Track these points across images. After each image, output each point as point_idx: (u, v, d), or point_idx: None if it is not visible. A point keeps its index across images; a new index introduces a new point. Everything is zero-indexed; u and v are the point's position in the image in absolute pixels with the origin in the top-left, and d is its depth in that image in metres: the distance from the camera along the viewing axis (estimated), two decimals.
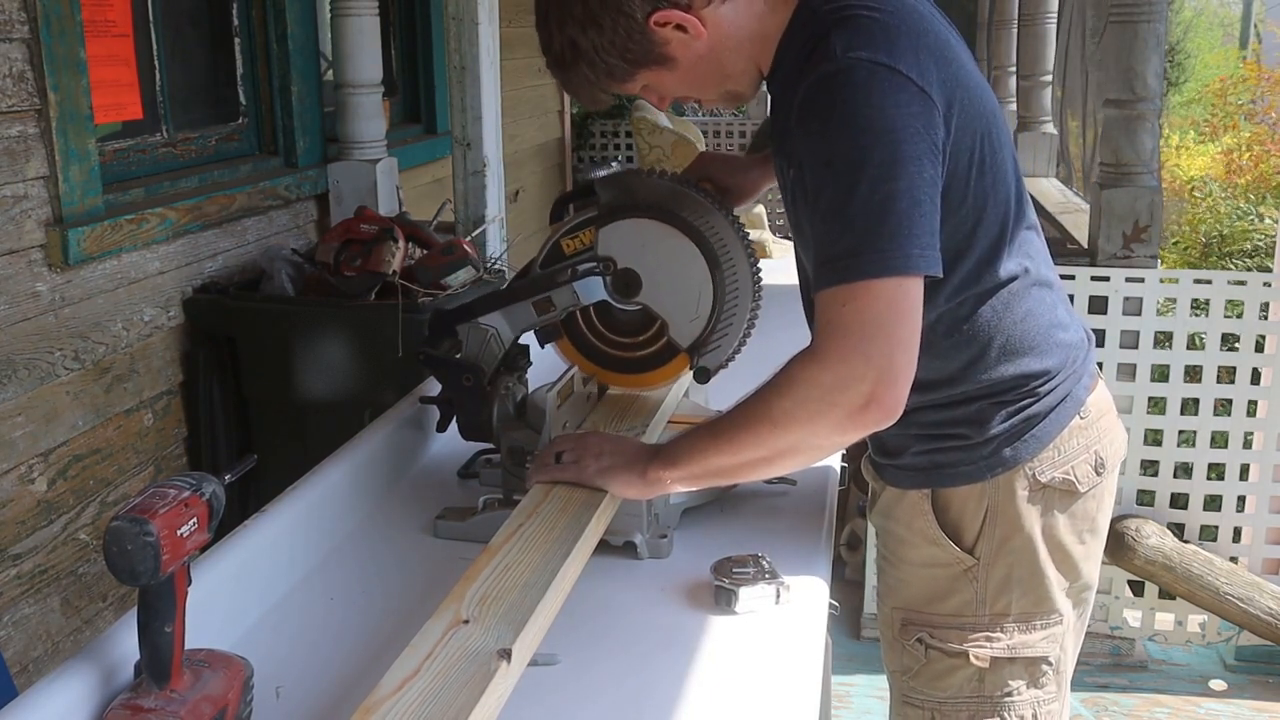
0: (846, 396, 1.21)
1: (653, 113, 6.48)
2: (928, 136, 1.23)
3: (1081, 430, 1.42)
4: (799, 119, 1.26)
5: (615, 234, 1.56)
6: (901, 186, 1.20)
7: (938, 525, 1.42)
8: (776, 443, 1.28)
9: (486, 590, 1.19)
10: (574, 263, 1.58)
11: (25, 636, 2.29)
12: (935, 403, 1.39)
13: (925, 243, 1.22)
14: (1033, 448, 1.39)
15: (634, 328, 1.65)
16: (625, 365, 1.68)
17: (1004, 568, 1.41)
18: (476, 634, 1.11)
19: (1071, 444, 1.41)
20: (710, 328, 1.57)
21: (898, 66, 1.22)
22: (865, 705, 2.93)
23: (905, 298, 1.21)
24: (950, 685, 1.45)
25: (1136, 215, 3.05)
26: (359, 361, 2.63)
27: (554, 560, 1.26)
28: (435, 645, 1.09)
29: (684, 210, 1.55)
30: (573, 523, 1.35)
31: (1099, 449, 1.44)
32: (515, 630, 1.12)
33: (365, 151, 3.20)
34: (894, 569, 1.49)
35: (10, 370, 2.21)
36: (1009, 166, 1.37)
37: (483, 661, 1.06)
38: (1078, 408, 1.42)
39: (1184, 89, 11.32)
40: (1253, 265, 6.44)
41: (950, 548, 1.42)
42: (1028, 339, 1.38)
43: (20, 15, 2.22)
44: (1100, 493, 1.46)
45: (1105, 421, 1.46)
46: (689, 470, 1.36)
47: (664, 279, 1.56)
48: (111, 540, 1.00)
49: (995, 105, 1.37)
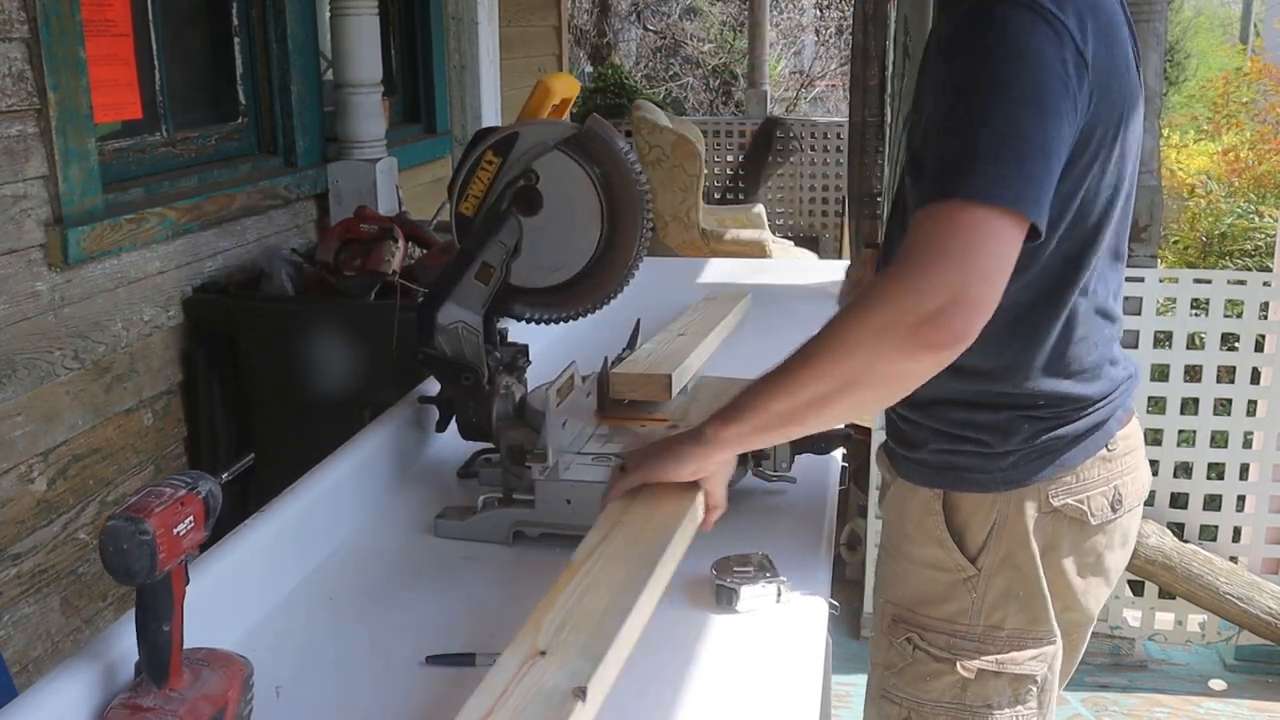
0: (916, 307, 1.13)
1: (653, 112, 6.49)
2: (1072, 100, 1.19)
3: (1105, 463, 1.39)
4: (945, 47, 1.23)
5: (550, 162, 1.56)
6: (1035, 129, 1.15)
7: (945, 528, 1.40)
8: (840, 370, 1.19)
9: (565, 616, 1.12)
10: (491, 210, 1.57)
11: (25, 636, 2.29)
12: (966, 398, 1.36)
13: (1041, 195, 1.16)
14: (1051, 470, 1.36)
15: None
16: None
17: (1004, 582, 1.39)
18: (553, 668, 1.04)
19: (1092, 474, 1.38)
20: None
21: (1064, 19, 1.18)
22: None
23: (1005, 234, 1.15)
24: (932, 689, 1.43)
25: (1136, 215, 3.03)
26: (359, 361, 2.63)
27: (636, 580, 1.18)
28: (510, 681, 1.02)
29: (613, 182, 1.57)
30: (657, 534, 1.28)
31: (1120, 485, 1.41)
32: (593, 664, 1.04)
33: (365, 151, 3.20)
34: (894, 562, 1.48)
35: (10, 370, 2.21)
36: (1128, 169, 1.33)
37: (557, 702, 0.99)
38: (1106, 439, 1.39)
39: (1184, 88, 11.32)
40: (1253, 265, 6.44)
41: (954, 553, 1.40)
42: (1078, 361, 1.35)
43: (20, 15, 2.22)
44: (1112, 530, 1.42)
45: (1131, 459, 1.43)
46: (751, 422, 1.27)
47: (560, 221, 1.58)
48: (107, 539, 1.00)
49: (1138, 92, 1.32)
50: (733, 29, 12.30)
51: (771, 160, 7.94)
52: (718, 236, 6.26)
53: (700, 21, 12.60)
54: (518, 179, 1.56)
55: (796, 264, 4.77)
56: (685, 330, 2.12)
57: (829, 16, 12.70)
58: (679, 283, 2.76)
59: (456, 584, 1.43)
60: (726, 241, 6.22)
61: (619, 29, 12.40)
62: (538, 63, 5.52)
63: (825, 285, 2.85)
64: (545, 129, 1.60)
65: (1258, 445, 3.12)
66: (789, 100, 12.19)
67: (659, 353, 1.95)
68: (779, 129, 7.97)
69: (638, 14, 12.55)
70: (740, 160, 7.98)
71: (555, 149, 1.56)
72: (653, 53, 12.52)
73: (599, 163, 1.56)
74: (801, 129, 8.00)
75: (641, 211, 1.58)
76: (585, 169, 1.56)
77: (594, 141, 1.55)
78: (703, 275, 2.97)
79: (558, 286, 1.62)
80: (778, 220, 7.82)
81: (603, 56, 11.74)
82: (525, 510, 1.50)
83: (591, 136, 1.55)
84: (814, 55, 12.90)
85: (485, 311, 1.62)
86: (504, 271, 1.59)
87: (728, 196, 7.91)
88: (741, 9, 11.57)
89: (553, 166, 1.56)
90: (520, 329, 1.74)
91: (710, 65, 12.30)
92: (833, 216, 7.82)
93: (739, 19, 11.94)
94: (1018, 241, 1.16)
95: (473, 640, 1.26)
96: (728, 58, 12.17)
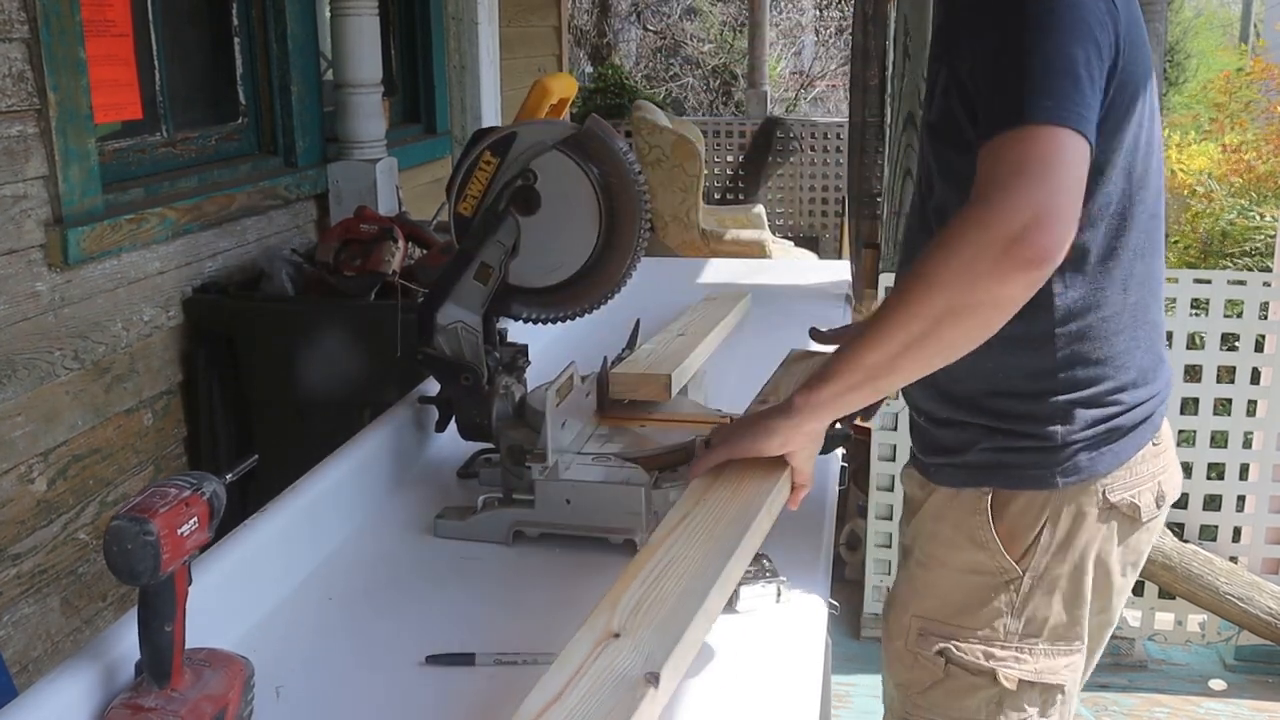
0: (1004, 227, 1.13)
1: (653, 112, 6.49)
2: (1109, 36, 1.22)
3: (1153, 456, 1.38)
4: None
5: (548, 162, 1.56)
6: (1080, 57, 1.19)
7: (991, 527, 1.37)
8: (933, 306, 1.16)
9: (641, 597, 1.09)
10: (489, 210, 1.58)
11: (25, 636, 2.29)
12: (1017, 388, 1.35)
13: (1093, 118, 1.19)
14: (1109, 462, 1.34)
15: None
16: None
17: (1048, 584, 1.36)
18: (626, 650, 1.02)
19: (1142, 469, 1.37)
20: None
21: None
22: (865, 705, 2.93)
23: (1075, 152, 1.16)
24: (968, 706, 1.39)
25: None
26: (359, 361, 2.63)
27: (715, 564, 1.15)
28: (584, 661, 1.00)
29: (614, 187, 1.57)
30: (741, 512, 1.24)
31: (1163, 480, 1.40)
32: (666, 649, 1.02)
33: (365, 151, 3.20)
34: (926, 572, 1.43)
35: (10, 370, 2.21)
36: (1154, 158, 1.35)
37: (629, 687, 0.97)
38: (1154, 432, 1.38)
39: (1184, 89, 11.32)
40: (1253, 265, 6.44)
41: (998, 554, 1.36)
42: (1131, 338, 1.35)
43: (20, 15, 2.22)
44: (1154, 527, 1.41)
45: (1169, 455, 1.43)
46: (843, 381, 1.24)
47: (557, 222, 1.58)
48: (112, 539, 1.00)
49: (1151, 72, 1.34)
50: (733, 29, 12.30)
51: (771, 160, 7.94)
52: (718, 237, 6.27)
53: (700, 21, 12.60)
54: (516, 179, 1.56)
55: (796, 264, 4.77)
56: (685, 330, 2.13)
57: (829, 16, 12.70)
58: (679, 283, 2.76)
59: (456, 584, 1.43)
60: (726, 242, 6.23)
61: (619, 29, 12.40)
62: (538, 63, 5.51)
63: (825, 285, 2.85)
64: (543, 129, 1.60)
65: (1258, 445, 3.12)
66: (789, 100, 12.19)
67: (659, 353, 1.95)
68: (779, 129, 7.98)
69: (638, 14, 12.55)
70: (740, 160, 7.98)
71: (553, 149, 1.56)
72: (653, 53, 12.53)
73: (597, 162, 1.56)
74: (801, 129, 8.00)
75: (640, 211, 1.58)
76: (583, 169, 1.56)
77: (592, 141, 1.55)
78: (703, 275, 2.97)
79: (556, 286, 1.62)
80: (778, 220, 7.82)
81: (603, 57, 11.74)
82: (525, 510, 1.50)
83: (590, 136, 1.55)
84: (814, 55, 12.91)
85: (484, 311, 1.62)
86: (502, 271, 1.59)
87: (728, 196, 7.91)
88: (741, 9, 11.57)
89: (551, 166, 1.56)
90: (520, 329, 1.74)
91: (710, 65, 12.30)
92: (833, 216, 7.82)
93: (739, 19, 11.94)
94: (1086, 160, 1.18)
95: (473, 640, 1.26)
96: (728, 58, 12.17)
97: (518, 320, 1.66)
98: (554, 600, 1.37)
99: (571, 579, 1.41)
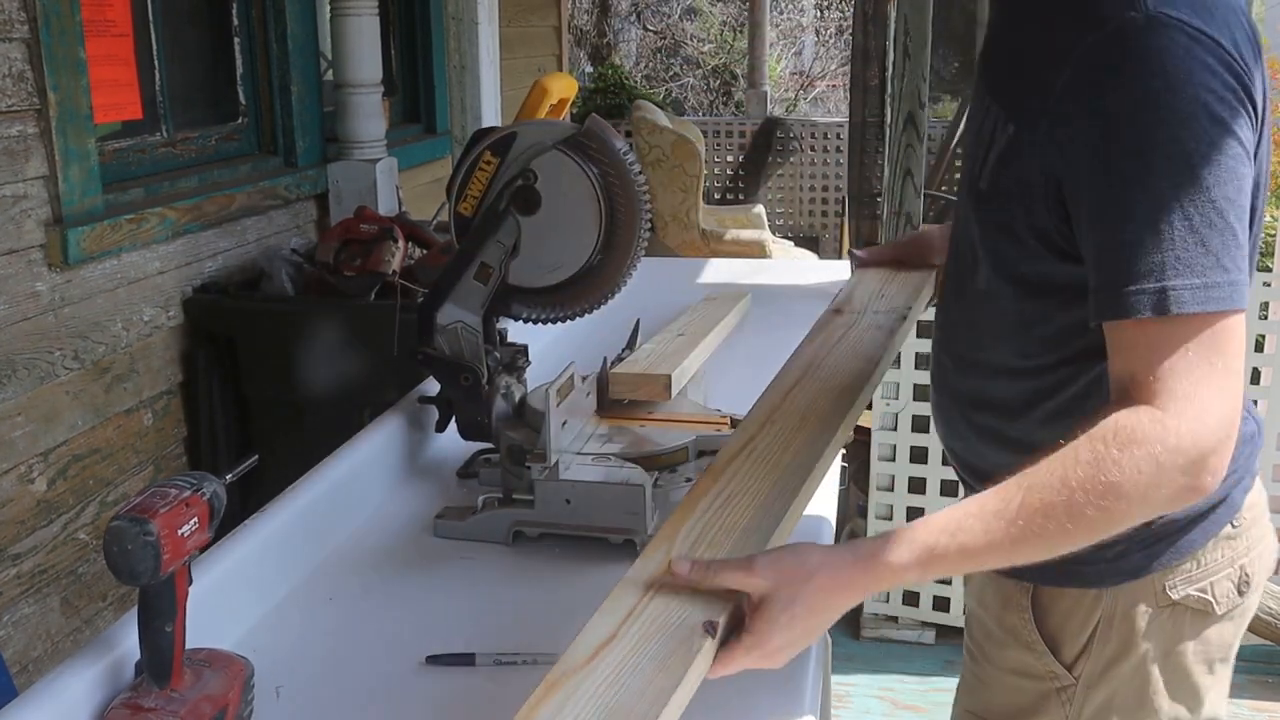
0: (1193, 449, 0.95)
1: (653, 112, 6.49)
2: (1245, 149, 1.00)
3: (1230, 541, 1.20)
4: (1075, 82, 1.02)
5: (548, 162, 1.56)
6: (1231, 195, 0.98)
7: (1035, 628, 1.22)
8: (1079, 523, 0.96)
9: (704, 528, 0.98)
10: (489, 210, 1.57)
11: (25, 636, 2.29)
12: None
13: (1245, 275, 0.99)
14: (1170, 557, 1.17)
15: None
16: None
17: (1106, 693, 1.20)
18: (685, 591, 0.93)
19: (1215, 556, 1.19)
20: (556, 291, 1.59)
21: (1227, 49, 0.99)
22: (865, 705, 2.93)
23: (1242, 339, 0.98)
24: None
25: None
26: (359, 361, 2.64)
27: (785, 493, 1.02)
28: (639, 600, 0.91)
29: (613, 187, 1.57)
30: (808, 443, 1.11)
31: (1246, 563, 1.22)
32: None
33: (365, 151, 3.20)
34: (976, 664, 1.32)
35: (10, 370, 2.21)
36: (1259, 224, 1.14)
37: (685, 635, 0.88)
38: (1232, 514, 1.19)
39: None
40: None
41: (1046, 658, 1.22)
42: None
43: (20, 15, 2.22)
44: (1241, 614, 1.23)
45: (1258, 530, 1.24)
46: (942, 566, 1.02)
47: (558, 222, 1.57)
48: (112, 540, 1.00)
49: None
50: (733, 29, 12.31)
51: (771, 160, 7.94)
52: (718, 237, 6.27)
53: (700, 22, 12.61)
54: (516, 178, 1.56)
55: (796, 264, 4.77)
56: (685, 330, 2.12)
57: (829, 16, 12.71)
58: (679, 283, 2.76)
59: (456, 584, 1.43)
60: (726, 242, 6.23)
61: (619, 29, 12.41)
62: (538, 63, 5.51)
63: (825, 285, 2.85)
64: (543, 128, 1.60)
65: None
66: (789, 100, 12.20)
67: (659, 353, 1.95)
68: (779, 129, 7.98)
69: (638, 14, 12.56)
70: (740, 160, 7.99)
71: (553, 149, 1.56)
72: (653, 53, 12.53)
73: (597, 162, 1.56)
74: (801, 129, 8.01)
75: (640, 211, 1.58)
76: (583, 168, 1.56)
77: (592, 141, 1.55)
78: (703, 275, 2.97)
79: (556, 286, 1.62)
80: (778, 220, 7.82)
81: (603, 57, 11.75)
82: (525, 510, 1.50)
83: (590, 136, 1.55)
84: (814, 55, 12.92)
85: (484, 311, 1.62)
86: (502, 271, 1.59)
87: (728, 197, 7.91)
88: (741, 9, 11.58)
89: (551, 166, 1.56)
90: (520, 329, 1.74)
91: (710, 65, 12.31)
92: (833, 217, 7.82)
93: (739, 19, 11.95)
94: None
95: (473, 640, 1.26)
96: (728, 58, 12.18)
97: (518, 320, 1.66)
98: (554, 600, 1.37)
99: (571, 579, 1.41)
